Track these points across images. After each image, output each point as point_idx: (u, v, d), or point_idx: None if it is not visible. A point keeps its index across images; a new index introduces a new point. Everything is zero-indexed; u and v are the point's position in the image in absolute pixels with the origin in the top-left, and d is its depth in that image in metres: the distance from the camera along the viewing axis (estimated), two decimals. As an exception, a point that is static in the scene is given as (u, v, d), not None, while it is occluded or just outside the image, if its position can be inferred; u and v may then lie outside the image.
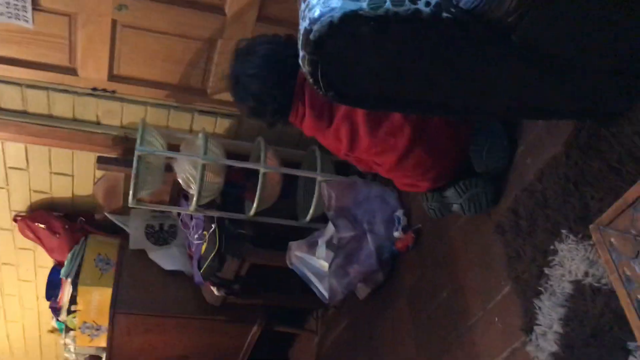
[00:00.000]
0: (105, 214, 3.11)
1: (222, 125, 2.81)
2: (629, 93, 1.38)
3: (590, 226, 0.93)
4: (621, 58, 1.27)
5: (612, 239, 0.89)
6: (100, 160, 2.81)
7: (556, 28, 1.14)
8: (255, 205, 2.57)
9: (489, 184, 1.82)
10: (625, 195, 0.88)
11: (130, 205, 2.58)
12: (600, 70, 1.30)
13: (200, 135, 2.52)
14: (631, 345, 1.29)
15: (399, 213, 2.44)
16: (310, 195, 2.72)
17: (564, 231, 1.54)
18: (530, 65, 1.24)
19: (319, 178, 2.62)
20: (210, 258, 2.68)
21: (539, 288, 1.60)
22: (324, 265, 2.55)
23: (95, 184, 3.04)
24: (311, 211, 2.68)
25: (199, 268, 2.76)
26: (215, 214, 2.68)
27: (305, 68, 1.26)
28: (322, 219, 2.70)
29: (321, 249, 2.58)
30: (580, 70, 1.29)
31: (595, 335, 1.42)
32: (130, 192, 2.48)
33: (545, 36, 1.15)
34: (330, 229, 2.55)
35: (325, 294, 2.53)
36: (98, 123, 2.76)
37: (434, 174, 1.85)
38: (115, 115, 2.73)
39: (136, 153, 2.41)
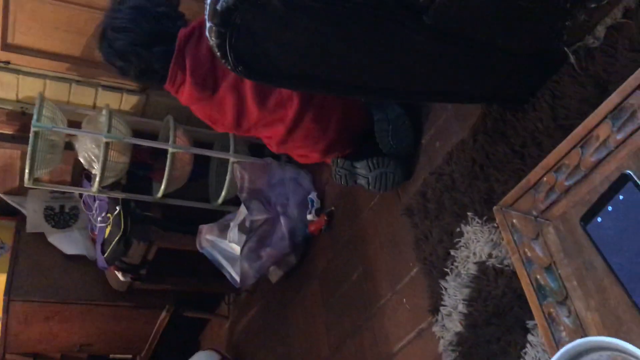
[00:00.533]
0: (-1, 194, 2.90)
1: (128, 101, 2.67)
2: (535, 79, 1.42)
3: (494, 207, 0.94)
4: (528, 42, 1.30)
5: (514, 220, 0.90)
6: (-7, 137, 2.61)
7: (467, 11, 1.14)
8: (163, 186, 2.47)
9: (399, 166, 1.83)
10: (528, 176, 0.89)
11: (26, 185, 2.41)
12: (508, 55, 1.33)
13: (104, 111, 2.38)
14: (530, 323, 1.33)
15: (313, 196, 2.43)
16: (222, 177, 2.65)
17: (469, 214, 1.57)
18: (441, 47, 1.24)
19: (231, 159, 2.55)
20: (114, 242, 2.56)
21: (445, 269, 1.63)
22: (236, 248, 2.50)
23: (-13, 162, 2.82)
24: (223, 193, 2.61)
25: (103, 252, 2.63)
26: (120, 195, 2.55)
27: (212, 40, 1.19)
28: (234, 202, 2.64)
29: (233, 232, 2.53)
30: (489, 54, 1.31)
31: (497, 315, 1.46)
32: (26, 171, 2.31)
33: (456, 18, 1.15)
34: (242, 211, 2.50)
35: (237, 278, 2.48)
36: (-10, 96, 2.55)
37: (324, 145, 1.85)
38: (10, 87, 2.53)
39: (32, 129, 2.24)
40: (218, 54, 1.21)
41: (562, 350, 0.71)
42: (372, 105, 1.84)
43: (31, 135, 2.25)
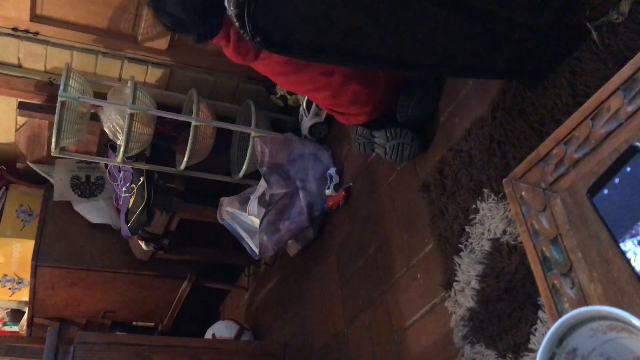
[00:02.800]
0: (28, 163, 2.97)
1: (153, 74, 2.71)
2: (555, 55, 1.40)
3: (503, 180, 0.94)
4: (549, 18, 1.28)
5: (523, 193, 0.91)
6: (22, 106, 2.67)
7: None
8: (185, 158, 2.51)
9: (416, 138, 1.83)
10: (538, 149, 0.89)
11: (53, 155, 2.47)
12: (528, 30, 1.31)
13: (129, 83, 2.42)
14: (541, 300, 1.34)
15: (332, 171, 2.44)
16: (243, 150, 2.68)
17: (485, 190, 1.57)
18: (459, 20, 1.23)
19: (253, 133, 2.57)
20: (138, 211, 2.61)
21: (460, 246, 1.63)
22: (255, 221, 2.53)
23: (17, 130, 2.89)
24: (244, 167, 2.64)
25: (127, 222, 2.69)
26: (144, 166, 2.60)
27: (230, 10, 1.21)
28: (255, 176, 2.67)
29: (253, 205, 2.56)
30: (509, 29, 1.29)
31: (509, 291, 1.47)
32: (53, 140, 2.37)
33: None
34: (262, 185, 2.52)
35: (256, 250, 2.52)
36: (20, 66, 2.60)
37: (371, 108, 1.83)
38: (38, 58, 2.58)
39: (59, 99, 2.29)
40: (236, 23, 1.22)
41: (562, 319, 0.72)
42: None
43: (58, 104, 2.30)
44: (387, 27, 1.21)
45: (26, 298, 3.12)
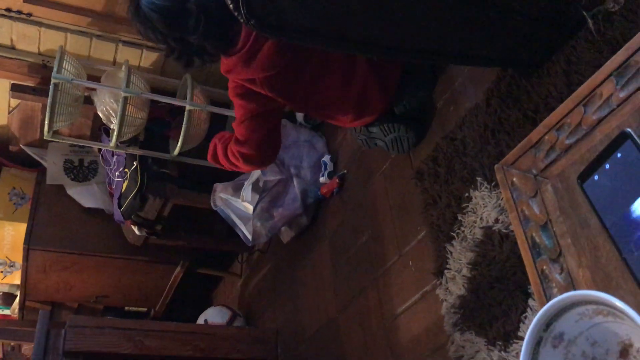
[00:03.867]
0: (21, 145, 2.95)
1: (148, 58, 2.69)
2: (551, 43, 1.39)
3: (495, 166, 0.93)
4: (546, 5, 1.28)
5: (514, 179, 0.90)
6: (15, 88, 2.65)
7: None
8: (179, 144, 2.49)
9: (411, 130, 1.83)
10: (530, 135, 0.88)
11: (46, 138, 2.46)
12: (525, 18, 1.31)
13: (123, 66, 2.40)
14: (531, 288, 1.34)
15: (326, 159, 2.44)
16: (238, 137, 2.67)
17: (479, 179, 1.57)
18: (456, 6, 1.22)
19: (247, 119, 2.56)
20: (131, 196, 2.60)
21: (452, 234, 1.63)
22: (249, 207, 2.53)
23: (9, 113, 2.87)
24: (238, 153, 2.63)
25: (120, 206, 2.68)
26: (138, 151, 2.58)
27: (224, -8, 1.20)
28: (249, 162, 2.66)
29: (246, 192, 2.56)
30: (505, 16, 1.29)
31: (500, 279, 1.47)
32: (46, 123, 2.35)
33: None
34: (256, 171, 2.52)
35: (249, 236, 2.51)
36: (12, 47, 2.58)
37: (390, 100, 1.81)
38: (31, 40, 2.56)
39: (52, 80, 2.27)
40: (231, 6, 1.21)
41: (549, 304, 0.72)
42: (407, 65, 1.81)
43: (51, 87, 2.28)
44: (383, 12, 1.20)
45: (18, 281, 3.11)
